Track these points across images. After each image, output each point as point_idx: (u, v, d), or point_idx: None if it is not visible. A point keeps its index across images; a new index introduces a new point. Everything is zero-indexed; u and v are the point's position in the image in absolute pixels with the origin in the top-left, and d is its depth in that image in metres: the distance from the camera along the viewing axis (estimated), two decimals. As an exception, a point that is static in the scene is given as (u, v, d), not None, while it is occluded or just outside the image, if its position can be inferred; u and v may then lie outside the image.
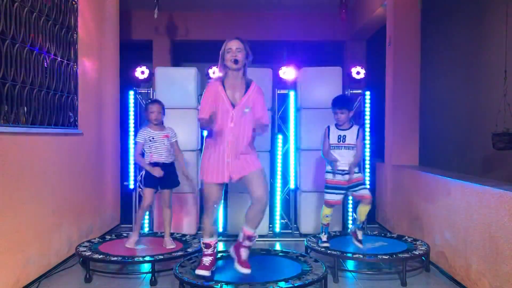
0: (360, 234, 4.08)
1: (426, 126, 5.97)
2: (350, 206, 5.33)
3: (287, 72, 5.36)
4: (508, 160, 4.91)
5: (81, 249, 3.93)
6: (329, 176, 4.10)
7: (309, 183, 5.21)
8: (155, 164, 4.10)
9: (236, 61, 3.31)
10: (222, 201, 3.62)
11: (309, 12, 8.23)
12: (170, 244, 4.11)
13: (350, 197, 5.35)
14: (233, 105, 3.31)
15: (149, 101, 4.40)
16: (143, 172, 4.21)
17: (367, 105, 5.38)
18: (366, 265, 4.01)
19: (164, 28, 8.25)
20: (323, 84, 5.23)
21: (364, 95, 5.43)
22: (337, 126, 4.14)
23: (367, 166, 5.34)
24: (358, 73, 5.39)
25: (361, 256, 3.79)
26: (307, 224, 5.21)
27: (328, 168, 4.12)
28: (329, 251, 3.88)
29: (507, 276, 2.91)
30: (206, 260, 3.43)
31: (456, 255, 3.64)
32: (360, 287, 3.68)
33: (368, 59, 8.43)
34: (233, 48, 3.34)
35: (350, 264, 4.15)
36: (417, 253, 3.86)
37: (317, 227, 5.09)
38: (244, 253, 3.34)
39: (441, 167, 5.11)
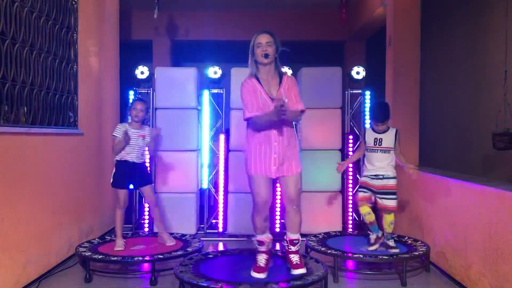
0: (391, 242, 3.97)
1: (426, 126, 5.97)
2: (350, 206, 5.33)
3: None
4: (508, 160, 4.91)
5: (81, 249, 3.93)
6: (361, 179, 4.12)
7: (309, 183, 5.21)
8: (125, 162, 4.07)
9: (267, 56, 3.29)
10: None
11: (309, 12, 8.23)
12: (169, 240, 4.12)
13: (350, 197, 5.36)
14: (272, 98, 3.29)
15: (136, 98, 4.47)
16: (113, 171, 4.14)
17: (367, 105, 5.38)
18: (366, 265, 4.01)
19: (164, 28, 8.25)
20: (323, 84, 5.23)
21: (364, 95, 5.43)
22: (373, 129, 4.08)
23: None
24: (358, 73, 5.39)
25: (361, 256, 3.79)
26: (307, 224, 5.20)
27: (364, 173, 4.10)
28: (329, 251, 3.88)
29: (507, 276, 2.91)
30: (261, 259, 3.43)
31: (456, 255, 3.64)
32: (360, 287, 3.68)
33: (368, 59, 8.43)
34: (263, 42, 3.32)
35: (350, 264, 4.15)
36: (417, 253, 3.86)
37: (317, 227, 5.09)
38: (294, 258, 3.39)
39: (441, 167, 5.11)
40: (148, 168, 4.31)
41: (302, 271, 3.32)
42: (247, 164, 3.39)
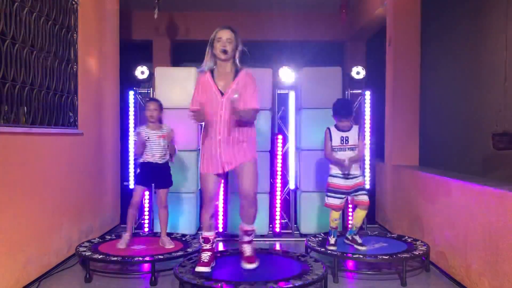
0: (358, 238, 4.08)
1: (426, 126, 5.97)
2: (350, 206, 5.32)
3: (286, 74, 5.34)
4: (508, 160, 4.90)
5: (81, 249, 3.93)
6: (332, 180, 4.09)
7: (309, 183, 5.21)
8: (147, 164, 4.11)
9: (225, 51, 3.31)
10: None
11: (309, 12, 8.23)
12: (168, 244, 4.12)
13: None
14: (222, 94, 3.31)
15: (148, 99, 4.44)
16: (138, 171, 4.23)
17: (367, 105, 5.38)
18: (366, 265, 4.01)
19: (164, 28, 8.26)
20: (323, 84, 5.23)
21: (364, 95, 5.43)
22: (338, 127, 4.13)
23: (367, 166, 5.33)
24: (358, 73, 5.38)
25: (361, 256, 3.79)
26: (307, 224, 5.21)
27: (332, 171, 4.10)
28: (329, 251, 3.88)
29: (507, 276, 2.90)
30: (205, 256, 3.46)
31: (456, 255, 3.64)
32: (360, 287, 3.68)
33: (368, 59, 8.43)
34: (223, 38, 3.34)
35: (350, 264, 4.15)
36: (417, 253, 3.86)
37: (317, 227, 5.10)
38: (246, 248, 3.37)
39: (441, 167, 5.10)
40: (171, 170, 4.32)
41: (253, 266, 3.36)
42: (200, 161, 3.47)
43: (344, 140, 4.06)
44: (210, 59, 3.42)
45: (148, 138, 4.10)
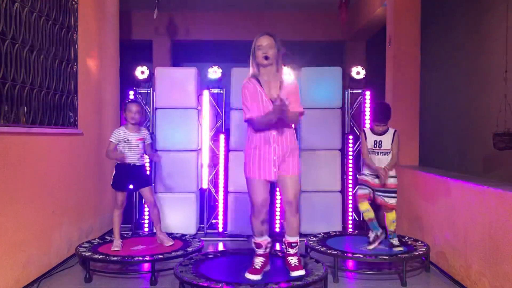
0: (394, 241, 3.99)
1: (426, 126, 5.97)
2: (350, 206, 5.33)
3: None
4: (508, 160, 4.90)
5: (81, 249, 3.93)
6: (361, 176, 4.13)
7: (309, 183, 5.21)
8: (124, 166, 4.07)
9: (267, 57, 3.29)
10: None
11: (309, 12, 8.23)
12: (167, 240, 4.12)
13: (350, 197, 5.36)
14: (272, 100, 3.28)
15: (129, 100, 4.31)
16: (114, 173, 4.15)
17: (367, 105, 5.38)
18: (366, 265, 4.01)
19: (164, 28, 8.26)
20: (323, 84, 5.23)
21: (364, 95, 5.43)
22: (373, 130, 4.09)
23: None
24: (358, 73, 5.38)
25: (361, 256, 3.79)
26: (307, 224, 5.20)
27: (364, 170, 4.12)
28: (329, 251, 3.88)
29: (507, 276, 2.90)
30: (257, 262, 3.42)
31: (456, 255, 3.64)
32: (360, 287, 3.68)
33: (368, 59, 8.43)
34: (263, 44, 3.31)
35: (350, 264, 4.15)
36: (417, 253, 3.86)
37: (317, 227, 5.09)
38: (292, 261, 3.38)
39: (441, 167, 5.10)
40: (148, 171, 4.28)
41: (300, 272, 3.32)
42: (246, 166, 3.38)
43: (378, 144, 4.02)
44: (253, 67, 3.40)
45: (128, 139, 4.06)
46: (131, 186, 4.17)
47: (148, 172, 4.27)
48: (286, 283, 3.12)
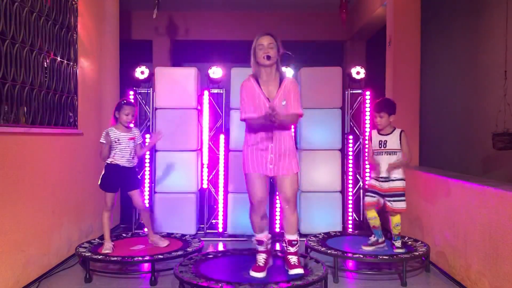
0: (397, 243, 3.95)
1: (426, 126, 5.97)
2: (350, 206, 5.33)
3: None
4: (508, 160, 4.90)
5: (81, 249, 3.93)
6: (369, 181, 4.12)
7: (309, 183, 5.21)
8: (114, 166, 3.97)
9: (268, 57, 3.29)
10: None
11: (309, 12, 8.23)
12: (161, 242, 4.07)
13: (350, 197, 5.36)
14: (269, 101, 3.30)
15: (124, 101, 4.15)
16: (102, 173, 4.03)
17: (367, 105, 5.38)
18: (366, 265, 4.01)
19: (164, 28, 8.25)
20: (323, 84, 5.23)
21: (364, 95, 5.43)
22: (379, 130, 4.05)
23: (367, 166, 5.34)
24: (358, 73, 5.38)
25: (361, 256, 3.79)
26: (307, 224, 5.20)
27: (371, 174, 4.11)
28: (329, 251, 3.88)
29: (507, 276, 2.90)
30: (260, 258, 3.44)
31: (456, 255, 3.64)
32: (360, 287, 3.68)
33: (368, 59, 8.43)
34: (265, 44, 3.31)
35: (350, 264, 4.15)
36: (417, 253, 3.86)
37: (317, 227, 5.09)
38: (292, 259, 3.40)
39: (441, 167, 5.10)
40: (139, 173, 4.18)
41: (299, 271, 3.33)
42: (244, 162, 3.43)
43: (382, 144, 3.96)
44: (254, 66, 3.40)
45: (118, 140, 3.97)
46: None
47: (139, 176, 4.16)
48: (286, 283, 3.12)
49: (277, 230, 5.21)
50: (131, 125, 4.11)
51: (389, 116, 3.97)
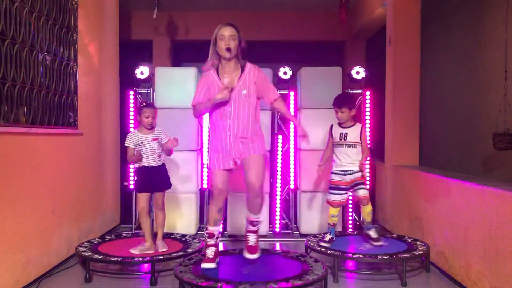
0: (372, 233, 4.09)
1: (426, 126, 5.97)
2: (350, 205, 5.32)
3: (286, 74, 5.36)
4: (508, 160, 4.90)
5: (81, 249, 3.93)
6: (332, 177, 4.16)
7: (309, 183, 5.20)
8: (143, 169, 4.00)
9: (229, 49, 3.31)
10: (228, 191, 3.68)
11: (309, 12, 8.23)
12: (161, 247, 4.02)
13: (350, 197, 5.36)
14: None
15: (144, 104, 4.20)
16: (135, 179, 4.10)
17: (367, 105, 5.38)
18: (366, 265, 4.01)
19: (164, 28, 8.25)
20: (323, 84, 5.23)
21: (364, 95, 5.43)
22: (340, 124, 4.16)
23: (367, 166, 5.33)
24: (358, 73, 5.38)
25: (361, 256, 3.79)
26: (307, 224, 5.20)
27: (332, 168, 4.17)
28: (329, 251, 3.88)
29: (507, 276, 2.90)
30: (210, 252, 3.50)
31: (456, 255, 3.64)
32: (360, 287, 3.68)
33: (368, 59, 8.43)
34: (226, 35, 3.33)
35: (350, 264, 4.15)
36: (417, 253, 3.86)
37: (317, 227, 5.10)
38: (250, 238, 3.47)
39: (441, 167, 5.11)
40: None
41: (255, 256, 3.45)
42: (208, 157, 3.54)
43: (343, 136, 4.08)
44: (213, 57, 3.42)
45: (141, 142, 3.98)
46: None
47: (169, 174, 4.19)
48: (286, 283, 3.12)
49: (277, 230, 5.21)
50: (158, 130, 4.12)
51: (350, 110, 4.11)
